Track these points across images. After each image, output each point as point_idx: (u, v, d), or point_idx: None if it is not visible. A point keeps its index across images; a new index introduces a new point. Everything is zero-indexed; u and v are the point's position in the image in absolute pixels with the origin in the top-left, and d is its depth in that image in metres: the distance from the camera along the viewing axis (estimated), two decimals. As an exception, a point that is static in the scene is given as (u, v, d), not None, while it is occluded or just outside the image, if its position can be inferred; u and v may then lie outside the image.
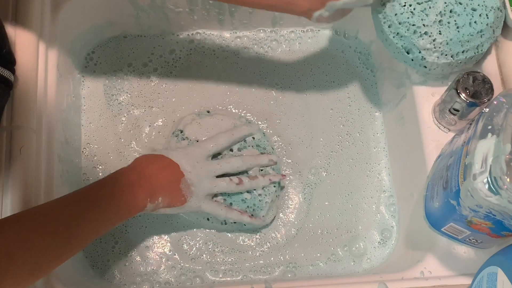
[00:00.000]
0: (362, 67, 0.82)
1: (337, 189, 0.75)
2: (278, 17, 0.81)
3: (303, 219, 0.73)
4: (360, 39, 0.83)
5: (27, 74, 0.61)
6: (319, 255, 0.72)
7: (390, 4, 0.63)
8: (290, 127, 0.78)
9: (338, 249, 0.72)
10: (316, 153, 0.77)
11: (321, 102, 0.79)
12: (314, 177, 0.75)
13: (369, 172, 0.76)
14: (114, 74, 0.79)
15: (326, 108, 0.79)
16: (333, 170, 0.76)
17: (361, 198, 0.75)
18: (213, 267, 0.70)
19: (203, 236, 0.72)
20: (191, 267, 0.70)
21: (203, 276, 0.69)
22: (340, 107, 0.79)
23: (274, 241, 0.72)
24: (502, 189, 0.45)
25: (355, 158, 0.77)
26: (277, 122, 0.78)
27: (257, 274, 0.70)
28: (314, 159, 0.76)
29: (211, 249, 0.71)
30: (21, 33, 0.63)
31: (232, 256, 0.71)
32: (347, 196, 0.75)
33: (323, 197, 0.75)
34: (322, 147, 0.77)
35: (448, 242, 0.60)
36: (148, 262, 0.70)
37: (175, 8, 0.78)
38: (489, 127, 0.49)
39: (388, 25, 0.63)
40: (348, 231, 0.73)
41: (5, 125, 0.59)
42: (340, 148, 0.77)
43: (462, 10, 0.62)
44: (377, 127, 0.79)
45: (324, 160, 0.76)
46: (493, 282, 0.51)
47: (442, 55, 0.62)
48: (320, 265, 0.71)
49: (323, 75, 0.81)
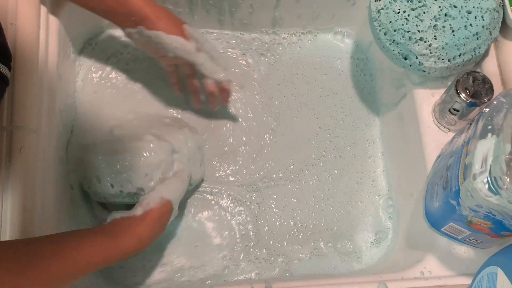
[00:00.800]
0: (360, 74, 0.82)
1: (319, 193, 0.75)
2: (278, 18, 0.81)
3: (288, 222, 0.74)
4: (358, 41, 0.83)
5: (27, 74, 0.61)
6: (303, 250, 0.72)
7: (385, 12, 0.63)
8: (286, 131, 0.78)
9: (321, 245, 0.72)
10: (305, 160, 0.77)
11: (311, 120, 0.79)
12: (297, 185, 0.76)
13: (360, 180, 0.76)
14: (115, 74, 0.79)
15: (314, 127, 0.79)
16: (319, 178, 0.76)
17: (347, 202, 0.75)
18: (212, 267, 0.70)
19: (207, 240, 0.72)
20: (194, 273, 0.70)
21: (205, 274, 0.70)
22: (330, 123, 0.79)
23: (262, 243, 0.72)
24: (502, 189, 0.45)
25: (342, 169, 0.77)
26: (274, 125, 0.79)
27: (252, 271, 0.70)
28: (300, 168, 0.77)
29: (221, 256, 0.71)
30: (21, 33, 0.63)
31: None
32: (329, 200, 0.75)
33: (309, 199, 0.75)
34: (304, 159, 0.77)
35: (448, 242, 0.60)
36: (149, 261, 0.70)
37: (175, 8, 0.78)
38: (489, 127, 0.49)
39: (383, 32, 0.63)
40: (330, 229, 0.73)
41: (5, 125, 0.59)
42: (322, 162, 0.77)
43: (457, 13, 0.62)
44: (374, 134, 0.79)
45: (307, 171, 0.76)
46: (493, 282, 0.51)
47: (439, 59, 0.62)
48: (306, 259, 0.71)
49: (318, 88, 0.81)
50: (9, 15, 0.62)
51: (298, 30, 0.83)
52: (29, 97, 0.61)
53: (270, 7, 0.79)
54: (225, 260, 0.71)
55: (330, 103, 0.80)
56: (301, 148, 0.77)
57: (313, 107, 0.80)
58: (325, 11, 0.81)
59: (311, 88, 0.81)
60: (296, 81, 0.81)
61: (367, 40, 0.82)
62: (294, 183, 0.75)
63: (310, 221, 0.74)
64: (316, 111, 0.80)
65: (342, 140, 0.78)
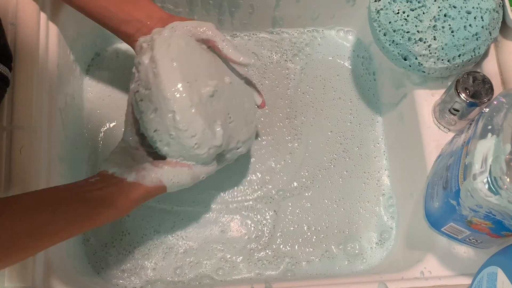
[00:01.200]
0: (365, 74, 0.82)
1: (331, 196, 0.75)
2: (278, 18, 0.81)
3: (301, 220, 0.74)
4: (361, 40, 0.83)
5: (27, 74, 0.61)
6: (314, 253, 0.72)
7: (384, 12, 0.63)
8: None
9: (332, 247, 0.72)
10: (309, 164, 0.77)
11: (324, 125, 0.79)
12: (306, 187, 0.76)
13: (367, 180, 0.76)
14: (115, 74, 0.79)
15: (326, 132, 0.79)
16: (328, 181, 0.76)
17: (356, 202, 0.75)
18: (213, 266, 0.70)
19: (201, 233, 0.72)
20: (191, 265, 0.70)
21: (205, 274, 0.70)
22: (341, 126, 0.79)
23: (273, 243, 0.72)
24: (502, 189, 0.45)
25: (351, 170, 0.77)
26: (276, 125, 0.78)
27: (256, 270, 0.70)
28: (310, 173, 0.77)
29: (212, 248, 0.71)
30: (21, 33, 0.63)
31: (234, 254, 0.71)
32: (340, 201, 0.75)
33: (319, 203, 0.75)
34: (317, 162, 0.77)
35: (448, 242, 0.60)
36: (149, 261, 0.70)
37: (175, 8, 0.78)
38: (489, 127, 0.49)
39: (383, 33, 0.63)
40: (343, 232, 0.73)
41: (5, 125, 0.59)
42: (333, 164, 0.77)
43: (457, 13, 0.62)
44: (378, 134, 0.79)
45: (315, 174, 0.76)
46: (493, 282, 0.51)
47: (439, 60, 0.62)
48: (316, 261, 0.71)
49: (332, 90, 0.81)
50: (9, 15, 0.62)
51: (298, 29, 0.83)
52: (29, 97, 0.61)
53: (270, 7, 0.79)
54: (223, 261, 0.71)
55: (341, 106, 0.80)
56: (314, 154, 0.77)
57: (327, 112, 0.80)
58: (325, 11, 0.81)
59: (326, 92, 0.81)
60: (315, 85, 0.81)
61: (367, 40, 0.82)
62: (308, 189, 0.75)
63: (323, 224, 0.74)
64: (329, 115, 0.80)
65: (351, 142, 0.78)
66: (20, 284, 0.55)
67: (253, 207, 0.74)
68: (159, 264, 0.70)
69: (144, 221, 0.72)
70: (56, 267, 0.59)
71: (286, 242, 0.72)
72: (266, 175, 0.75)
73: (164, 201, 0.73)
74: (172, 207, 0.73)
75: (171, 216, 0.72)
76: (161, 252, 0.71)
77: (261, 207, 0.74)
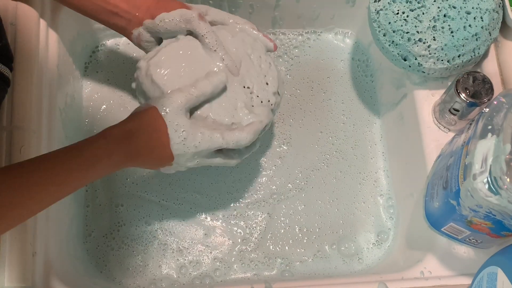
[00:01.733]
0: (361, 76, 0.82)
1: (325, 196, 0.75)
2: (278, 18, 0.81)
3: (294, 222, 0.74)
4: (358, 42, 0.83)
5: (27, 74, 0.61)
6: (306, 253, 0.72)
7: (384, 13, 0.63)
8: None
9: (326, 248, 0.72)
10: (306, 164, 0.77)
11: (313, 126, 0.79)
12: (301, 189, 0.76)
13: (363, 181, 0.76)
14: (115, 74, 0.79)
15: (316, 132, 0.79)
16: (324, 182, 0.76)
17: (351, 203, 0.75)
18: (210, 267, 0.70)
19: (201, 230, 0.72)
20: (191, 264, 0.70)
21: (204, 273, 0.70)
22: (331, 126, 0.79)
23: (266, 243, 0.72)
24: (502, 189, 0.45)
25: (345, 170, 0.77)
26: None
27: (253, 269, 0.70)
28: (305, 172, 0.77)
29: (209, 243, 0.71)
30: (21, 34, 0.63)
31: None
32: (334, 202, 0.75)
33: (314, 201, 0.75)
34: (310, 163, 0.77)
35: (448, 242, 0.60)
36: (149, 259, 0.70)
37: (175, 8, 0.78)
38: (489, 127, 0.49)
39: (383, 33, 0.63)
40: (336, 232, 0.73)
41: (5, 125, 0.59)
42: (326, 165, 0.77)
43: (456, 14, 0.62)
44: (375, 135, 0.79)
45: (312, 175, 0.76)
46: (493, 282, 0.51)
47: (438, 60, 0.62)
48: (309, 262, 0.71)
49: (321, 92, 0.81)
50: (9, 15, 0.62)
51: (298, 30, 0.83)
52: (29, 97, 0.61)
53: (270, 7, 0.79)
54: (217, 262, 0.71)
55: (332, 107, 0.80)
56: (305, 155, 0.77)
57: (316, 113, 0.80)
58: (324, 11, 0.81)
59: (315, 93, 0.81)
60: (302, 87, 0.81)
61: (367, 41, 0.82)
62: (302, 190, 0.75)
63: (316, 225, 0.74)
64: (318, 117, 0.79)
65: (344, 142, 0.78)
66: (20, 284, 0.55)
67: (242, 213, 0.74)
68: (161, 260, 0.70)
69: (136, 211, 0.72)
70: (56, 267, 0.59)
71: (276, 243, 0.72)
72: (260, 179, 0.75)
73: (152, 192, 0.73)
74: (159, 200, 0.73)
75: (172, 212, 0.73)
76: (161, 250, 0.71)
77: (252, 212, 0.74)
